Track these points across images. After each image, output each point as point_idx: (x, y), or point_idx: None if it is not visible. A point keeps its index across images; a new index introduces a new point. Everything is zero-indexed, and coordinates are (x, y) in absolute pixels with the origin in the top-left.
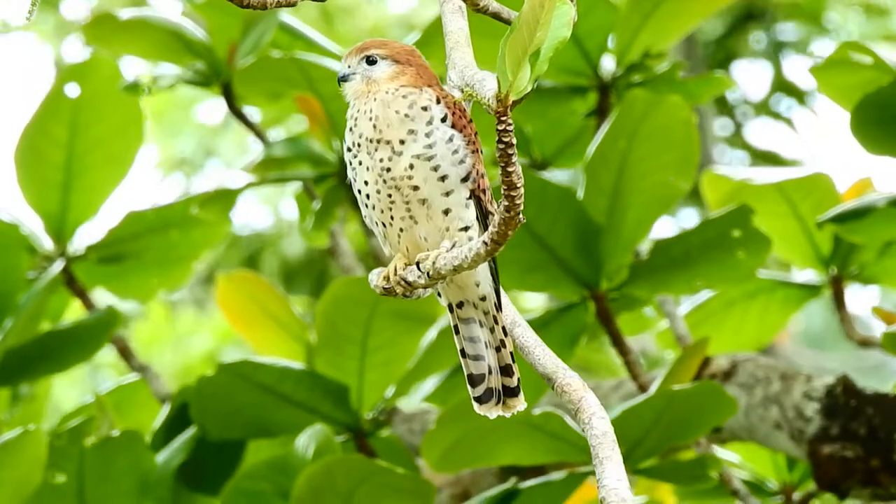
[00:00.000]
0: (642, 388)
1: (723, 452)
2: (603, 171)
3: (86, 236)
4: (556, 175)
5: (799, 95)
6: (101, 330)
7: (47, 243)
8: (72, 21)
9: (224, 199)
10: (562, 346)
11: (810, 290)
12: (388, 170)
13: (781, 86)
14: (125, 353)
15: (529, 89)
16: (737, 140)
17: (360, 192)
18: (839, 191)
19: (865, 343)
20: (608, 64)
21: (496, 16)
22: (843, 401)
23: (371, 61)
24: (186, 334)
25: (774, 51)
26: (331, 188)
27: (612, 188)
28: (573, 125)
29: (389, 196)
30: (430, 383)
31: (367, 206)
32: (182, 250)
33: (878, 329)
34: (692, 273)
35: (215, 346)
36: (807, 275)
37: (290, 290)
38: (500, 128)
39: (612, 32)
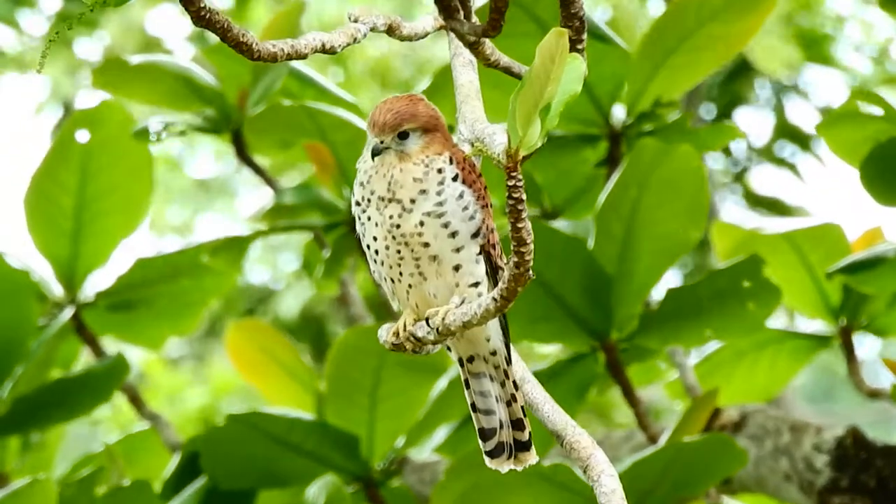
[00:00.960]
0: (652, 440)
1: None
2: (613, 220)
3: (96, 283)
4: (566, 225)
5: (803, 141)
6: (111, 377)
7: (57, 290)
8: (83, 60)
9: (234, 246)
10: (571, 396)
11: (820, 341)
12: (398, 226)
13: (785, 131)
14: (135, 401)
15: (540, 144)
16: (739, 187)
17: (368, 247)
18: (849, 240)
19: (874, 395)
20: (619, 113)
21: (507, 70)
22: (853, 453)
23: (403, 135)
24: (183, 388)
25: (778, 96)
26: (341, 236)
27: (622, 237)
28: (584, 174)
29: (398, 252)
30: (440, 433)
31: (375, 261)
32: (192, 297)
33: (885, 380)
34: (702, 323)
35: (213, 400)
36: (816, 325)
37: None
38: (510, 183)
39: (623, 81)
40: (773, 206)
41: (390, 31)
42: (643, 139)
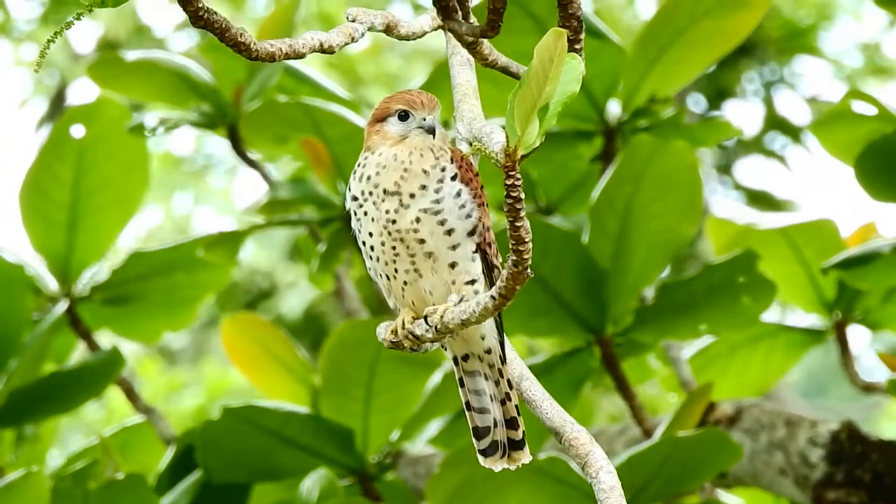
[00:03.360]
0: (647, 434)
1: (728, 498)
2: (608, 216)
3: (91, 277)
4: (561, 220)
5: (793, 133)
6: (105, 371)
7: (52, 284)
8: (78, 54)
9: (230, 241)
10: (567, 391)
11: (814, 336)
12: (394, 222)
13: (775, 123)
14: (130, 394)
15: (538, 144)
16: (728, 179)
17: (364, 243)
18: (843, 236)
19: (869, 389)
20: (614, 109)
21: (505, 70)
22: (848, 447)
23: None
24: (178, 388)
25: (767, 88)
26: (336, 231)
27: (617, 232)
28: (579, 170)
29: (394, 248)
30: (434, 426)
31: (371, 257)
32: (187, 292)
33: (878, 374)
34: (697, 318)
35: (208, 401)
36: (811, 320)
37: None
38: (508, 182)
39: (619, 77)
40: (762, 200)
41: (388, 30)
42: (638, 135)
